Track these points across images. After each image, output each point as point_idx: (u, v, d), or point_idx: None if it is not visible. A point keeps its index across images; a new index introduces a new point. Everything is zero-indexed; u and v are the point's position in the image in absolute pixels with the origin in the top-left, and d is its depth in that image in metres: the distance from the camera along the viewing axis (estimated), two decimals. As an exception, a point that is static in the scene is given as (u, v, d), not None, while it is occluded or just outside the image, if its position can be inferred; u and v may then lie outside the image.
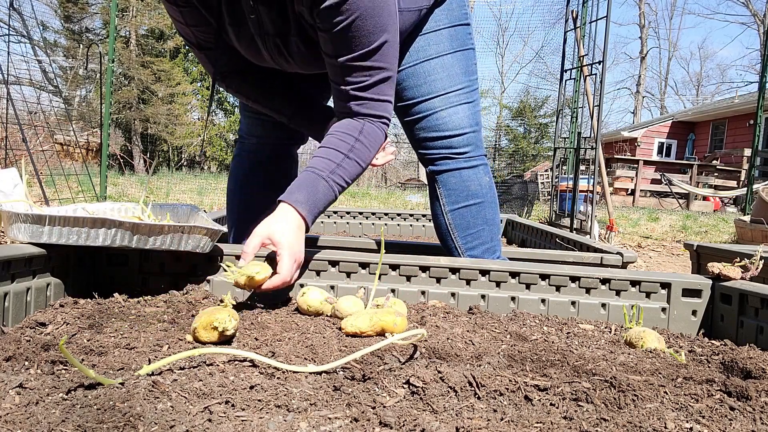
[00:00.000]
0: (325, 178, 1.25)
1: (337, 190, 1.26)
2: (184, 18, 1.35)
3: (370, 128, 1.31)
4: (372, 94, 1.29)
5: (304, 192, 1.23)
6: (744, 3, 27.81)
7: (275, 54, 1.40)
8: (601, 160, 4.79)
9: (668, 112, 26.83)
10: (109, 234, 1.15)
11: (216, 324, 0.96)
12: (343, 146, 1.28)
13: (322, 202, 1.24)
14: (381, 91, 1.30)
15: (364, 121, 1.31)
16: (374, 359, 0.88)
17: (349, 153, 1.28)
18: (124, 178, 8.12)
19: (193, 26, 1.37)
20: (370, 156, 1.32)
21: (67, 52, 16.91)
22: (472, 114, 1.64)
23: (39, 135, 6.52)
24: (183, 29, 1.40)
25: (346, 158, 1.27)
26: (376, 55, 1.25)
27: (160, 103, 16.16)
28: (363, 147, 1.29)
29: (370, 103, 1.30)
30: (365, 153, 1.31)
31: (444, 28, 1.59)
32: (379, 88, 1.30)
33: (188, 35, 1.41)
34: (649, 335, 1.11)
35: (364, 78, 1.27)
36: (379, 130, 1.33)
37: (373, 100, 1.30)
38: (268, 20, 1.30)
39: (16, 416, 0.63)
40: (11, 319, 1.06)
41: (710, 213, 9.69)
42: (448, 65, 1.60)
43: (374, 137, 1.32)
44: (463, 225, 1.67)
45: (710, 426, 0.70)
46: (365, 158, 1.31)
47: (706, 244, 1.88)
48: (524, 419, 0.71)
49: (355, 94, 1.29)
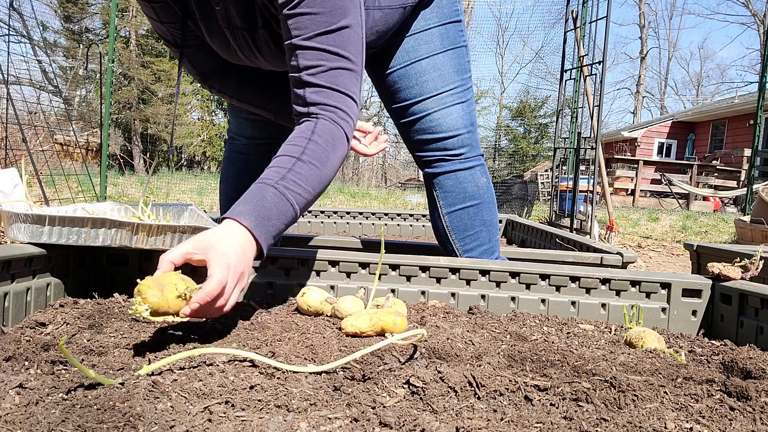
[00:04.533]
0: (273, 185, 1.06)
1: (292, 198, 1.07)
2: (158, 15, 1.33)
3: (324, 126, 1.14)
4: (328, 82, 1.13)
5: (249, 203, 1.04)
6: (744, 3, 27.82)
7: (245, 49, 1.35)
8: (601, 160, 4.79)
9: (668, 113, 26.83)
10: (109, 234, 1.15)
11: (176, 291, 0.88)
12: (295, 150, 1.11)
13: (274, 212, 1.04)
14: (339, 82, 1.14)
15: (318, 118, 1.14)
16: (374, 359, 0.88)
17: (302, 156, 1.10)
18: (124, 178, 8.12)
19: (168, 23, 1.35)
20: (328, 156, 1.13)
21: (67, 52, 16.91)
22: (466, 114, 1.61)
23: (39, 135, 6.52)
24: (159, 27, 1.38)
25: (299, 161, 1.09)
26: (334, 38, 1.12)
27: (160, 103, 16.16)
28: (317, 147, 1.12)
29: (327, 91, 1.14)
30: (322, 153, 1.12)
31: (434, 26, 1.56)
32: (337, 77, 1.14)
33: (165, 34, 1.39)
34: (649, 335, 1.11)
35: (320, 62, 1.13)
36: (336, 128, 1.15)
37: (330, 89, 1.14)
38: (234, 12, 1.26)
39: (16, 416, 0.63)
40: (11, 319, 1.06)
41: (710, 213, 9.69)
42: (439, 65, 1.57)
43: (330, 135, 1.14)
44: (460, 227, 1.66)
45: (710, 426, 0.70)
46: (322, 159, 1.12)
47: (706, 245, 1.88)
48: (524, 419, 0.71)
49: (309, 80, 1.13)
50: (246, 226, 1.00)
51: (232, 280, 0.95)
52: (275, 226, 1.04)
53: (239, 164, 1.84)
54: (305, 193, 1.09)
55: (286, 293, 1.35)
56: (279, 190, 1.06)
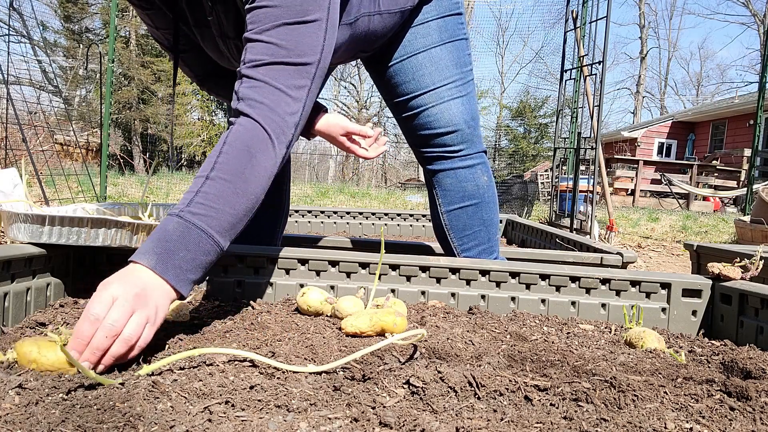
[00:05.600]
0: (177, 214, 0.94)
1: (201, 223, 0.93)
2: (153, 21, 1.33)
3: (238, 133, 1.01)
4: (265, 76, 1.02)
5: (151, 240, 0.91)
6: (744, 3, 27.82)
7: (236, 56, 1.33)
8: (601, 160, 4.79)
9: (668, 113, 26.83)
10: (108, 234, 1.15)
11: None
12: (205, 167, 0.99)
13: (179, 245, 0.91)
14: (278, 76, 1.03)
15: (237, 122, 1.03)
16: (374, 359, 0.88)
17: (210, 173, 0.97)
18: (124, 178, 8.12)
19: (163, 29, 1.35)
20: (243, 166, 0.99)
21: (67, 52, 16.91)
22: (466, 109, 1.57)
23: (39, 135, 6.52)
24: (155, 33, 1.38)
25: (207, 180, 0.97)
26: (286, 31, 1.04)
27: (160, 103, 16.17)
28: (228, 158, 0.98)
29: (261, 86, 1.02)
30: (234, 164, 0.98)
31: (432, 19, 1.53)
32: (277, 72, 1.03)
33: (161, 38, 1.39)
34: (649, 335, 1.11)
35: (263, 56, 1.03)
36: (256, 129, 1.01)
37: (265, 83, 1.02)
38: (226, 21, 1.25)
39: (16, 416, 0.63)
40: (11, 319, 1.06)
41: (710, 213, 9.69)
42: (437, 58, 1.53)
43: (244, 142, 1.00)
44: (459, 226, 1.64)
45: (710, 426, 0.70)
46: (235, 171, 0.98)
47: (706, 245, 1.88)
48: (524, 419, 0.71)
49: (247, 72, 1.03)
50: (146, 266, 0.88)
51: (119, 313, 0.80)
52: (185, 258, 0.91)
53: None
54: (219, 214, 0.95)
55: (286, 293, 1.35)
56: (183, 218, 0.93)
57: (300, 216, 3.34)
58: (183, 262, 0.91)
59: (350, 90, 26.25)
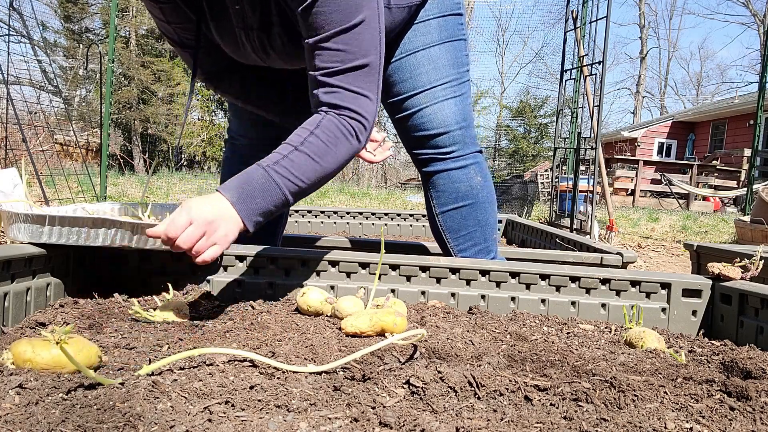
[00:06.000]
0: (264, 167, 1.10)
1: (280, 182, 1.09)
2: (165, 15, 1.32)
3: (330, 122, 1.15)
4: (341, 82, 1.15)
5: (237, 180, 1.09)
6: (744, 3, 27.81)
7: (258, 48, 1.35)
8: (601, 160, 4.79)
9: (668, 112, 26.83)
10: (109, 234, 1.15)
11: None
12: (295, 140, 1.14)
13: (257, 192, 1.08)
14: (352, 81, 1.15)
15: (326, 114, 1.17)
16: (374, 359, 0.88)
17: (299, 146, 1.13)
18: (124, 178, 8.12)
19: (175, 23, 1.34)
20: (327, 152, 1.15)
21: (67, 52, 16.91)
22: (459, 110, 1.56)
23: (39, 135, 6.52)
24: (164, 27, 1.37)
25: (295, 150, 1.12)
26: (348, 37, 1.13)
27: (159, 103, 16.16)
28: (318, 141, 1.14)
29: (340, 92, 1.15)
30: (320, 148, 1.14)
31: (433, 17, 1.53)
32: (351, 77, 1.15)
33: (170, 33, 1.38)
34: (649, 335, 1.11)
35: (334, 64, 1.14)
36: (342, 125, 1.16)
37: (343, 89, 1.15)
38: (251, 12, 1.26)
39: (16, 416, 0.63)
40: (11, 319, 1.06)
41: (710, 213, 9.69)
42: (434, 57, 1.53)
43: (333, 132, 1.15)
44: (454, 227, 1.62)
45: (710, 426, 0.70)
46: (321, 153, 1.14)
47: (706, 245, 1.88)
48: (524, 419, 0.71)
49: (323, 80, 1.15)
50: (228, 199, 1.05)
51: (197, 228, 1.00)
52: (259, 205, 1.08)
53: (239, 165, 1.81)
54: (297, 181, 1.12)
55: (286, 293, 1.35)
56: (268, 172, 1.10)
57: (300, 216, 3.34)
58: (257, 206, 1.08)
59: (350, 90, 26.15)
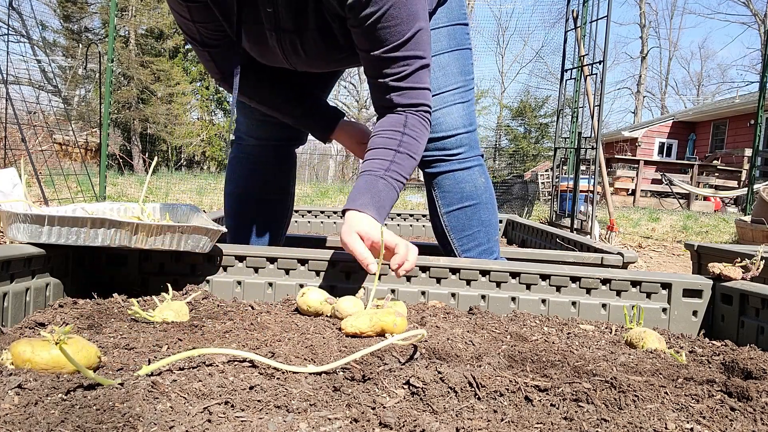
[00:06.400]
0: (382, 176, 1.25)
1: (396, 187, 1.27)
2: (191, 14, 1.32)
3: (414, 119, 1.31)
4: (411, 84, 1.29)
5: (366, 195, 1.23)
6: (744, 3, 27.81)
7: (288, 50, 1.38)
8: (601, 160, 4.79)
9: (669, 112, 26.82)
10: (108, 234, 1.15)
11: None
12: (392, 143, 1.28)
13: (386, 201, 1.25)
14: (419, 80, 1.30)
15: (406, 113, 1.31)
16: (374, 360, 0.88)
17: (399, 148, 1.28)
18: (123, 178, 8.11)
19: (200, 23, 1.34)
20: (419, 147, 1.32)
21: (66, 52, 16.91)
22: (466, 114, 1.62)
23: (38, 135, 6.52)
24: (187, 26, 1.37)
25: (397, 153, 1.28)
26: (411, 44, 1.24)
27: (159, 103, 16.16)
28: (411, 139, 1.29)
29: (410, 92, 1.29)
30: (414, 145, 1.30)
31: (442, 26, 1.58)
32: (418, 77, 1.29)
33: (192, 33, 1.38)
34: (650, 336, 1.11)
35: (402, 68, 1.27)
36: (423, 120, 1.32)
37: (413, 89, 1.29)
38: (285, 14, 1.29)
39: (15, 417, 0.63)
40: (10, 319, 1.06)
41: (711, 213, 9.68)
42: (444, 64, 1.59)
43: (419, 128, 1.31)
44: (458, 227, 1.66)
45: (711, 426, 0.69)
46: (415, 150, 1.31)
47: (706, 245, 1.88)
48: (524, 420, 0.70)
49: (395, 85, 1.28)
50: (371, 216, 1.21)
51: (365, 249, 1.17)
52: (386, 211, 1.27)
53: (246, 166, 1.82)
54: (403, 180, 1.29)
55: (285, 293, 1.35)
56: (387, 181, 1.26)
57: (300, 216, 3.34)
58: (384, 213, 1.26)
59: (350, 90, 26.23)
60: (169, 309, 1.12)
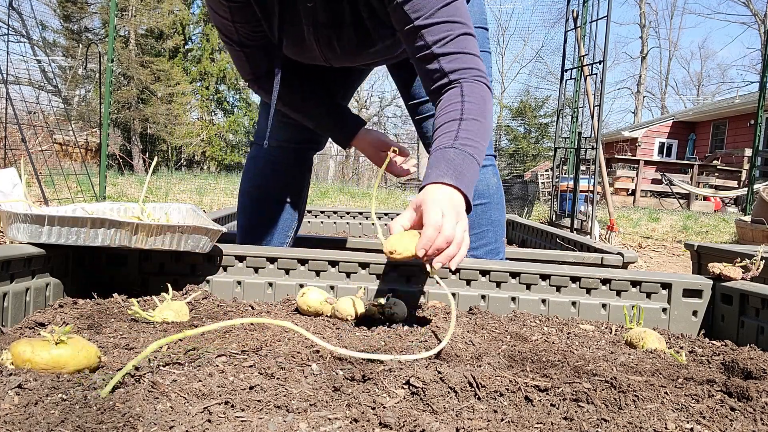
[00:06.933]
0: (451, 146, 1.15)
1: (472, 153, 1.16)
2: (232, 15, 1.32)
3: (469, 87, 1.23)
4: (457, 48, 1.23)
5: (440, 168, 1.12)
6: (744, 3, 27.80)
7: (324, 45, 1.40)
8: (601, 160, 4.79)
9: (669, 112, 26.81)
10: (108, 234, 1.15)
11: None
12: (454, 114, 1.20)
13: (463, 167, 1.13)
14: (465, 45, 1.24)
15: (460, 82, 1.24)
16: (374, 359, 0.88)
17: (462, 116, 1.19)
18: (123, 178, 8.11)
19: (239, 23, 1.35)
20: (485, 110, 1.23)
21: (66, 52, 16.90)
22: None
23: (38, 135, 6.52)
24: (226, 26, 1.37)
25: (462, 121, 1.19)
26: (450, 8, 1.22)
27: (159, 103, 16.15)
28: (472, 105, 1.21)
29: (458, 56, 1.23)
30: (478, 109, 1.21)
31: None
32: (463, 42, 1.24)
33: (231, 33, 1.38)
34: (650, 336, 1.11)
35: (446, 33, 1.22)
36: (480, 85, 1.24)
37: (461, 53, 1.23)
38: (323, 9, 1.30)
39: (15, 417, 0.63)
40: (10, 319, 1.06)
41: (711, 213, 9.68)
42: None
43: (478, 92, 1.23)
44: (468, 224, 1.66)
45: (711, 426, 0.69)
46: (481, 113, 1.21)
47: (706, 245, 1.88)
48: (524, 420, 0.70)
49: (441, 51, 1.23)
50: (449, 184, 1.08)
51: (450, 220, 1.01)
52: (469, 178, 1.13)
53: (267, 166, 1.83)
54: (478, 146, 1.18)
55: (285, 293, 1.35)
56: (457, 148, 1.15)
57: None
58: (467, 181, 1.13)
59: (350, 90, 26.13)
60: (169, 309, 1.12)
